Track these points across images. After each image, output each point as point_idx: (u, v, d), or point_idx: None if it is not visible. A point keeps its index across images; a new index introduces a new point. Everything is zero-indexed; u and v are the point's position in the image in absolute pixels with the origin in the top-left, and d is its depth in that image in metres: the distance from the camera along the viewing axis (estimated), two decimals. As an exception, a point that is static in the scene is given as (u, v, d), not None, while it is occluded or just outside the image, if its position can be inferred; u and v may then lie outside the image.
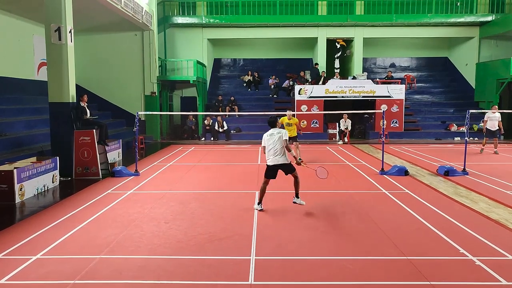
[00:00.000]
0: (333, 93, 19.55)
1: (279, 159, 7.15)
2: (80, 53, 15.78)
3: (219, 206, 7.72)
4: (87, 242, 5.84)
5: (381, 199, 8.30)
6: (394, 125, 19.67)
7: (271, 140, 7.21)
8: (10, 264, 5.05)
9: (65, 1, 10.38)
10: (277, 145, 7.15)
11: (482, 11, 22.43)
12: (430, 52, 24.93)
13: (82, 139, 10.61)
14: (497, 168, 11.64)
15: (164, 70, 20.75)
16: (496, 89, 20.13)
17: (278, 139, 7.16)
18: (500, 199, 8.05)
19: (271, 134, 7.27)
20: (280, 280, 4.65)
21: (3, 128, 11.52)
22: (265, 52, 25.00)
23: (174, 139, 19.82)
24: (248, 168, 11.85)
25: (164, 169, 11.86)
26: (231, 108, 20.72)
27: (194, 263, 5.13)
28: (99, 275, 4.76)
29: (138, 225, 6.61)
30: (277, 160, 7.16)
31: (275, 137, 7.20)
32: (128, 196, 8.56)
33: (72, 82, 10.74)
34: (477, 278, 4.68)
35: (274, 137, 7.20)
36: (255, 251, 5.47)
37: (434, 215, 7.11)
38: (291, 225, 6.28)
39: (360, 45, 22.39)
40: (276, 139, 7.16)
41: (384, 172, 10.78)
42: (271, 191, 8.82)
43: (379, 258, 5.24)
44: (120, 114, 19.13)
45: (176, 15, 22.03)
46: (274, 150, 7.16)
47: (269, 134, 7.30)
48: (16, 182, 8.08)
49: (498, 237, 5.93)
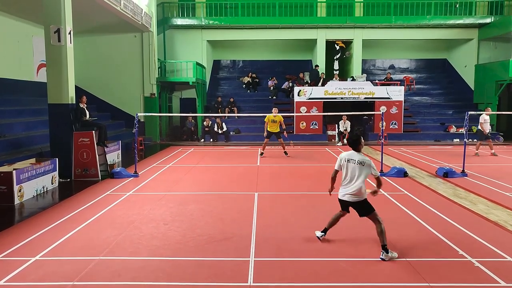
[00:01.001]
0: (332, 94, 19.58)
1: (350, 194, 5.44)
2: (79, 54, 15.77)
3: (218, 208, 7.72)
4: (86, 243, 5.84)
5: (380, 201, 8.27)
6: (393, 127, 19.69)
7: (350, 168, 5.40)
8: (9, 265, 5.04)
9: (64, 3, 10.38)
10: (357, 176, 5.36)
11: (481, 13, 22.50)
12: (429, 54, 24.97)
13: (81, 140, 10.60)
14: (496, 170, 11.65)
15: (164, 71, 20.75)
16: (495, 91, 20.15)
17: (361, 170, 5.36)
18: (499, 201, 8.05)
19: (349, 160, 5.45)
20: (279, 282, 4.65)
21: (2, 129, 11.51)
22: (265, 54, 25.03)
23: (173, 141, 19.81)
24: (248, 170, 11.85)
25: (164, 170, 11.86)
26: (230, 109, 20.72)
27: (193, 264, 5.13)
28: (98, 277, 4.76)
29: (137, 226, 6.60)
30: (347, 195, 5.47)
31: (356, 165, 5.38)
32: (127, 198, 8.56)
33: (71, 83, 10.74)
34: (476, 279, 4.69)
35: (355, 165, 5.38)
36: (254, 252, 5.47)
37: (433, 216, 7.11)
38: (290, 226, 6.28)
39: (359, 46, 22.42)
40: (357, 171, 5.36)
41: (383, 173, 10.77)
42: (271, 192, 8.84)
43: (377, 259, 5.23)
44: (120, 116, 19.13)
45: (175, 17, 22.06)
46: (346, 179, 5.44)
47: (347, 158, 5.48)
48: (15, 184, 8.07)
49: (497, 239, 5.93)
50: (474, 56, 22.63)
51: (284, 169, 11.89)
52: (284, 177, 10.75)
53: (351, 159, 5.43)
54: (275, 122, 14.05)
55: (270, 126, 14.09)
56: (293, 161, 13.53)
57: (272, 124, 14.04)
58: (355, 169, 5.38)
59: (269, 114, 14.17)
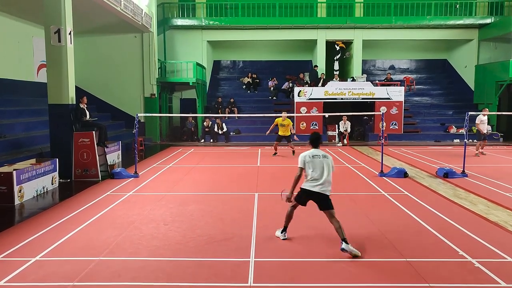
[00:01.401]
0: (332, 95, 19.58)
1: (319, 187, 5.62)
2: (79, 54, 15.78)
3: (218, 208, 7.72)
4: (86, 244, 5.84)
5: (380, 201, 8.30)
6: (394, 127, 19.68)
7: (314, 163, 5.67)
8: (9, 266, 5.05)
9: (64, 3, 10.39)
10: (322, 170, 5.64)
11: (481, 13, 22.51)
12: (429, 54, 24.98)
13: (81, 140, 10.60)
14: (496, 170, 11.66)
15: (164, 72, 20.76)
16: (495, 91, 20.15)
17: (326, 166, 5.67)
18: (499, 201, 8.05)
19: (314, 156, 5.73)
20: (279, 282, 4.65)
21: (2, 129, 11.52)
22: (265, 54, 25.04)
23: (173, 141, 19.82)
24: (248, 170, 11.85)
25: (164, 170, 11.86)
26: (231, 110, 20.73)
27: (193, 264, 5.13)
28: (98, 277, 4.76)
29: (137, 227, 6.61)
30: (317, 188, 5.62)
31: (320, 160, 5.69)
32: (128, 198, 8.56)
33: (71, 83, 10.75)
34: (476, 280, 4.69)
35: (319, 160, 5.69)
36: (254, 252, 5.47)
37: (433, 217, 7.11)
38: (290, 226, 6.27)
39: (359, 47, 22.42)
40: (325, 165, 5.67)
41: (383, 174, 10.78)
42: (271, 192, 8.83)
43: (378, 260, 5.24)
44: (120, 116, 19.14)
45: (175, 17, 22.07)
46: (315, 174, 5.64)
47: (311, 154, 5.75)
48: (16, 184, 8.07)
49: (497, 239, 5.93)
50: (474, 56, 22.64)
51: (284, 169, 11.89)
52: (284, 177, 10.72)
53: (316, 155, 5.75)
54: (284, 126, 14.23)
55: (280, 130, 14.36)
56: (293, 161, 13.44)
57: (281, 128, 14.28)
58: (322, 162, 5.69)
59: (278, 118, 14.39)
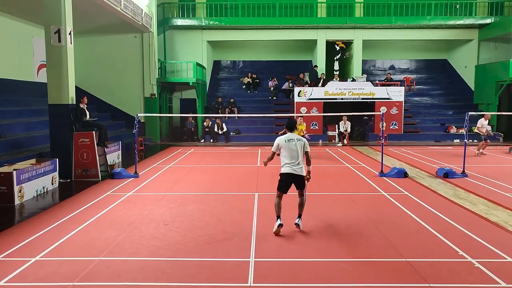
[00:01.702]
0: (332, 95, 19.59)
1: (296, 169, 6.20)
2: (79, 54, 15.77)
3: (218, 208, 7.72)
4: (86, 244, 5.84)
5: (380, 201, 8.30)
6: (394, 127, 19.69)
7: (289, 147, 6.23)
8: (9, 266, 5.04)
9: (65, 3, 10.39)
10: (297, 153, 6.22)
11: (481, 13, 22.51)
12: (429, 54, 24.99)
13: (81, 141, 10.60)
14: (496, 170, 11.66)
15: (164, 72, 20.77)
16: (495, 91, 20.16)
17: (300, 148, 6.25)
18: (499, 201, 8.05)
19: (289, 140, 6.28)
20: (280, 282, 4.65)
21: (2, 129, 11.52)
22: (265, 54, 25.04)
23: (173, 141, 19.82)
24: (248, 170, 11.85)
25: (164, 171, 11.86)
26: (231, 110, 20.73)
27: (193, 265, 5.13)
28: (98, 277, 4.76)
29: (137, 227, 6.61)
30: (295, 170, 6.20)
31: (295, 144, 6.24)
32: (128, 198, 8.56)
33: (71, 84, 10.75)
34: (476, 280, 4.69)
35: (294, 144, 6.24)
36: (254, 253, 5.47)
37: (433, 217, 7.11)
38: (290, 227, 6.28)
39: (359, 47, 22.43)
40: (299, 148, 6.23)
41: (383, 174, 10.78)
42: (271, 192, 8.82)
43: (378, 260, 5.24)
44: (120, 116, 19.14)
45: (175, 17, 22.08)
46: (291, 157, 6.21)
47: (287, 139, 6.30)
48: (16, 184, 8.07)
49: (497, 239, 5.93)
50: (474, 56, 22.64)
51: (284, 169, 11.88)
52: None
53: (291, 139, 6.30)
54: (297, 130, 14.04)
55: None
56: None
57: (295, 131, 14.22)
58: (296, 145, 6.25)
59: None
